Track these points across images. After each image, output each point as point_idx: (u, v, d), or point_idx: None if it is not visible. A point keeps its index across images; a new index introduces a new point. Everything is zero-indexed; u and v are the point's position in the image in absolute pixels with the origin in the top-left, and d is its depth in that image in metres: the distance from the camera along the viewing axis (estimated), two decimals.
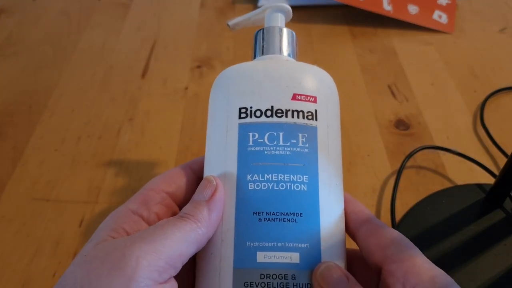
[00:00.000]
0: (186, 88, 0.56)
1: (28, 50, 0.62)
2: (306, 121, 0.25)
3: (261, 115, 0.25)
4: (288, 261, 0.22)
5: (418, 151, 0.46)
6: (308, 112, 0.25)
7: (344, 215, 0.25)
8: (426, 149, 0.47)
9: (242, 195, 0.23)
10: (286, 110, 0.25)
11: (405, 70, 0.58)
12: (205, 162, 0.26)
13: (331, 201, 0.24)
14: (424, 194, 0.43)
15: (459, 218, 0.40)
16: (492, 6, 0.70)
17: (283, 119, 0.25)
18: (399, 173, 0.44)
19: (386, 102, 0.54)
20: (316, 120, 0.25)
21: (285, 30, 0.30)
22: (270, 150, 0.24)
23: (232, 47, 0.62)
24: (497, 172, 0.45)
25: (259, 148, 0.24)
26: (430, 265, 0.21)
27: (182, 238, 0.21)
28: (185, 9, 0.71)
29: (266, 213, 0.23)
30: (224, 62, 0.60)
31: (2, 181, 0.45)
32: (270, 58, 0.28)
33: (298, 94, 0.25)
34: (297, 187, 0.23)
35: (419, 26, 0.64)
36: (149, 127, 0.51)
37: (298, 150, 0.24)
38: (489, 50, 0.61)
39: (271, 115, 0.25)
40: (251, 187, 0.23)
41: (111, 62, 0.60)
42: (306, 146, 0.24)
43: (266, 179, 0.23)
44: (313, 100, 0.25)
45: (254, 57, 0.30)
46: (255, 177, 0.23)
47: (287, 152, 0.24)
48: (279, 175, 0.23)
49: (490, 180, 0.43)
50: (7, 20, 0.68)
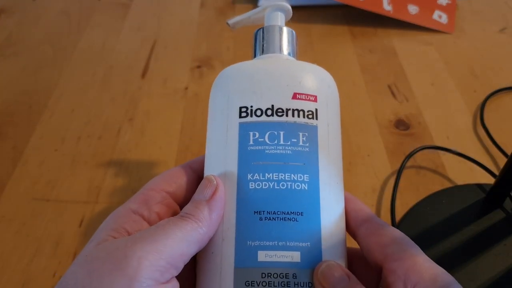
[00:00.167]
0: (186, 88, 0.56)
1: (28, 50, 0.62)
2: (306, 120, 0.25)
3: (261, 114, 0.25)
4: (289, 260, 0.22)
5: (418, 151, 0.46)
6: (308, 111, 0.25)
7: (344, 214, 0.25)
8: (426, 149, 0.47)
9: (243, 194, 0.23)
10: (287, 109, 0.25)
11: (405, 70, 0.58)
12: (205, 162, 0.26)
13: (332, 200, 0.24)
14: (424, 194, 0.43)
15: (459, 218, 0.40)
16: (492, 6, 0.70)
17: (284, 118, 0.24)
18: (399, 173, 0.44)
19: (386, 102, 0.54)
20: (316, 119, 0.25)
21: (285, 29, 0.29)
22: (270, 149, 0.24)
23: (232, 47, 0.62)
24: (497, 172, 0.45)
25: (260, 147, 0.24)
26: (431, 263, 0.21)
27: (183, 238, 0.21)
28: (185, 9, 0.71)
29: (267, 212, 0.23)
30: (224, 62, 0.60)
31: (2, 181, 0.45)
32: (270, 57, 0.28)
33: (299, 93, 0.25)
34: (297, 186, 0.23)
35: (419, 26, 0.64)
36: (149, 127, 0.51)
37: (299, 149, 0.24)
38: (489, 50, 0.61)
39: (272, 114, 0.25)
40: (252, 186, 0.23)
41: (111, 62, 0.60)
42: (307, 145, 0.24)
43: (266, 178, 0.23)
44: (313, 99, 0.25)
45: (254, 56, 0.30)
46: (256, 176, 0.23)
47: (288, 151, 0.24)
48: (280, 174, 0.23)
49: (490, 180, 0.43)
50: (7, 20, 0.68)
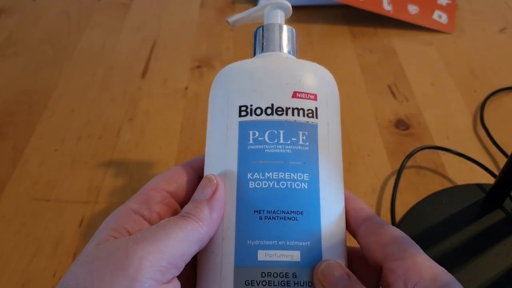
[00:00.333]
0: (186, 88, 0.56)
1: (28, 50, 0.62)
2: (306, 119, 0.25)
3: (261, 113, 0.24)
4: (289, 259, 0.22)
5: (418, 151, 0.46)
6: (308, 110, 0.25)
7: (344, 213, 0.25)
8: (426, 149, 0.47)
9: (243, 194, 0.23)
10: (287, 108, 0.25)
11: (405, 70, 0.58)
12: (205, 161, 0.26)
13: (332, 199, 0.24)
14: (424, 194, 0.43)
15: (459, 218, 0.40)
16: (492, 6, 0.70)
17: (284, 117, 0.24)
18: (399, 173, 0.44)
19: (386, 102, 0.54)
20: (316, 118, 0.25)
21: (285, 27, 0.29)
22: (270, 148, 0.24)
23: (232, 47, 0.62)
24: (497, 172, 0.45)
25: (260, 146, 0.24)
26: (432, 263, 0.21)
27: (184, 237, 0.21)
28: (185, 9, 0.71)
29: (267, 211, 0.23)
30: (224, 62, 0.60)
31: (2, 181, 0.45)
32: (270, 56, 0.28)
33: (299, 92, 0.25)
34: (297, 185, 0.23)
35: (419, 26, 0.64)
36: (149, 127, 0.51)
37: (299, 148, 0.24)
38: (489, 50, 0.61)
39: (272, 113, 0.24)
40: (252, 186, 0.23)
41: (111, 62, 0.60)
42: (307, 144, 0.24)
43: (266, 178, 0.23)
44: (313, 97, 0.25)
45: (254, 54, 0.30)
46: (256, 175, 0.23)
47: (288, 150, 0.24)
48: (280, 173, 0.23)
49: (490, 180, 0.43)
50: (7, 20, 0.68)
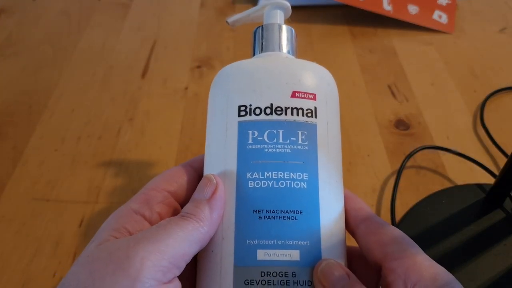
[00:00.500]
0: (186, 88, 0.56)
1: (28, 50, 0.62)
2: (305, 118, 0.25)
3: (260, 113, 0.25)
4: (288, 258, 0.22)
5: (418, 151, 0.46)
6: (307, 109, 0.25)
7: (344, 212, 0.25)
8: (426, 149, 0.47)
9: (242, 193, 0.23)
10: (286, 108, 0.25)
11: (405, 70, 0.58)
12: (205, 160, 0.26)
13: (331, 198, 0.24)
14: (424, 194, 0.43)
15: (459, 218, 0.40)
16: (492, 6, 0.70)
17: (283, 117, 0.24)
18: (399, 173, 0.44)
19: (386, 102, 0.54)
20: (315, 117, 0.25)
21: (284, 27, 0.29)
22: (269, 148, 0.24)
23: (232, 47, 0.62)
24: (497, 172, 0.45)
25: (259, 146, 0.24)
26: (431, 262, 0.21)
27: (185, 237, 0.21)
28: (185, 9, 0.71)
29: (266, 211, 0.23)
30: (224, 62, 0.60)
31: (2, 181, 0.45)
32: (270, 55, 0.28)
33: (298, 92, 0.25)
34: (297, 185, 0.23)
35: (419, 26, 0.64)
36: (149, 127, 0.51)
37: (298, 147, 0.24)
38: (489, 50, 0.61)
39: (271, 113, 0.24)
40: (251, 185, 0.23)
41: (111, 62, 0.60)
42: (306, 143, 0.24)
43: (266, 177, 0.23)
44: (312, 97, 0.25)
45: (254, 54, 0.30)
46: (255, 175, 0.23)
47: (287, 149, 0.24)
48: (279, 173, 0.23)
49: (490, 180, 0.43)
50: (7, 20, 0.68)
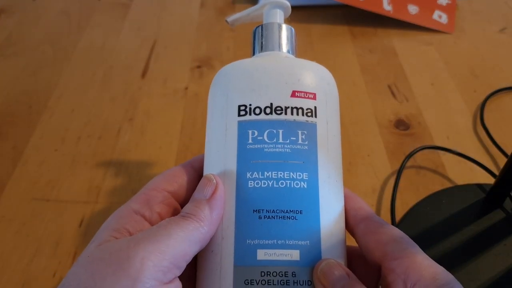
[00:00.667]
0: (186, 88, 0.56)
1: (28, 50, 0.62)
2: (305, 118, 0.25)
3: (260, 113, 0.25)
4: (288, 258, 0.22)
5: (418, 151, 0.46)
6: (307, 109, 0.25)
7: (344, 212, 0.25)
8: (426, 149, 0.47)
9: (242, 193, 0.23)
10: (286, 107, 0.25)
11: (405, 70, 0.58)
12: (204, 160, 0.26)
13: (331, 198, 0.24)
14: (424, 194, 0.43)
15: (459, 218, 0.40)
16: (492, 6, 0.70)
17: (283, 116, 0.24)
18: (399, 173, 0.44)
19: (386, 102, 0.54)
20: (315, 117, 0.25)
21: (284, 26, 0.29)
22: (269, 148, 0.24)
23: (232, 47, 0.62)
24: (497, 172, 0.45)
25: (259, 145, 0.24)
26: (431, 262, 0.21)
27: (185, 237, 0.21)
28: (185, 9, 0.71)
29: (266, 210, 0.23)
30: (224, 62, 0.60)
31: (2, 181, 0.45)
32: (269, 55, 0.28)
33: (298, 91, 0.25)
34: (297, 185, 0.23)
35: (419, 26, 0.64)
36: (149, 127, 0.51)
37: (298, 147, 0.24)
38: (489, 50, 0.61)
39: (271, 113, 0.24)
40: (251, 185, 0.23)
41: (111, 62, 0.60)
42: (306, 143, 0.24)
43: (266, 177, 0.23)
44: (312, 97, 0.25)
45: (253, 53, 0.30)
46: (255, 174, 0.23)
47: (287, 149, 0.24)
48: (279, 173, 0.23)
49: (490, 180, 0.43)
50: (7, 20, 0.68)
